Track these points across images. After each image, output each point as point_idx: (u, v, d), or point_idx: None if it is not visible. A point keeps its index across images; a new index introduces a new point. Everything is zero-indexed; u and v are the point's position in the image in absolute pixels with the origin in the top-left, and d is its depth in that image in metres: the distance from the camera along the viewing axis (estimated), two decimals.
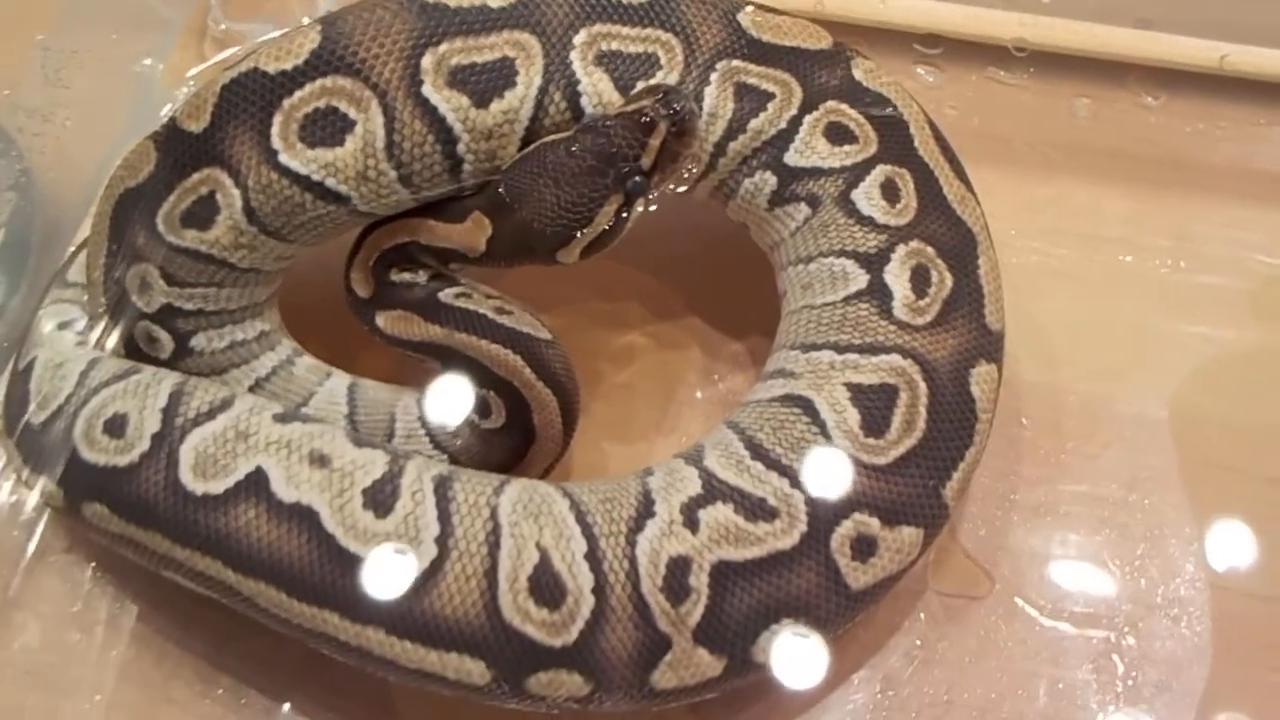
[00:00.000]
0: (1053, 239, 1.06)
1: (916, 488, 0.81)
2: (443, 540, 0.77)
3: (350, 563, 0.76)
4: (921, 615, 0.90)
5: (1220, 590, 0.90)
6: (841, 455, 0.80)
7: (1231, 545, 0.92)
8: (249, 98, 0.83)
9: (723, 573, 0.77)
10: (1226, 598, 0.90)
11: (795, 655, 0.79)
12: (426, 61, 0.83)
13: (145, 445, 0.80)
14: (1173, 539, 0.92)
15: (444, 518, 0.78)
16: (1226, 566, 0.91)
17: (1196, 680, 0.87)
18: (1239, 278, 1.04)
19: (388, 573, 0.76)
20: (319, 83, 0.83)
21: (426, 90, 0.83)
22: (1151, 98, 1.11)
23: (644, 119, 0.82)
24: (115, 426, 0.81)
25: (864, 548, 0.79)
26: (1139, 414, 0.97)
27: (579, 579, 0.76)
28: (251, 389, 0.89)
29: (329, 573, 0.76)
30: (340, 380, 0.91)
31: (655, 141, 0.82)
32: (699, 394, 0.99)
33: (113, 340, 0.88)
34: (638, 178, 0.83)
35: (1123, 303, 1.03)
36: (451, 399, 0.89)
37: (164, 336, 0.87)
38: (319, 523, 0.77)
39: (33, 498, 0.88)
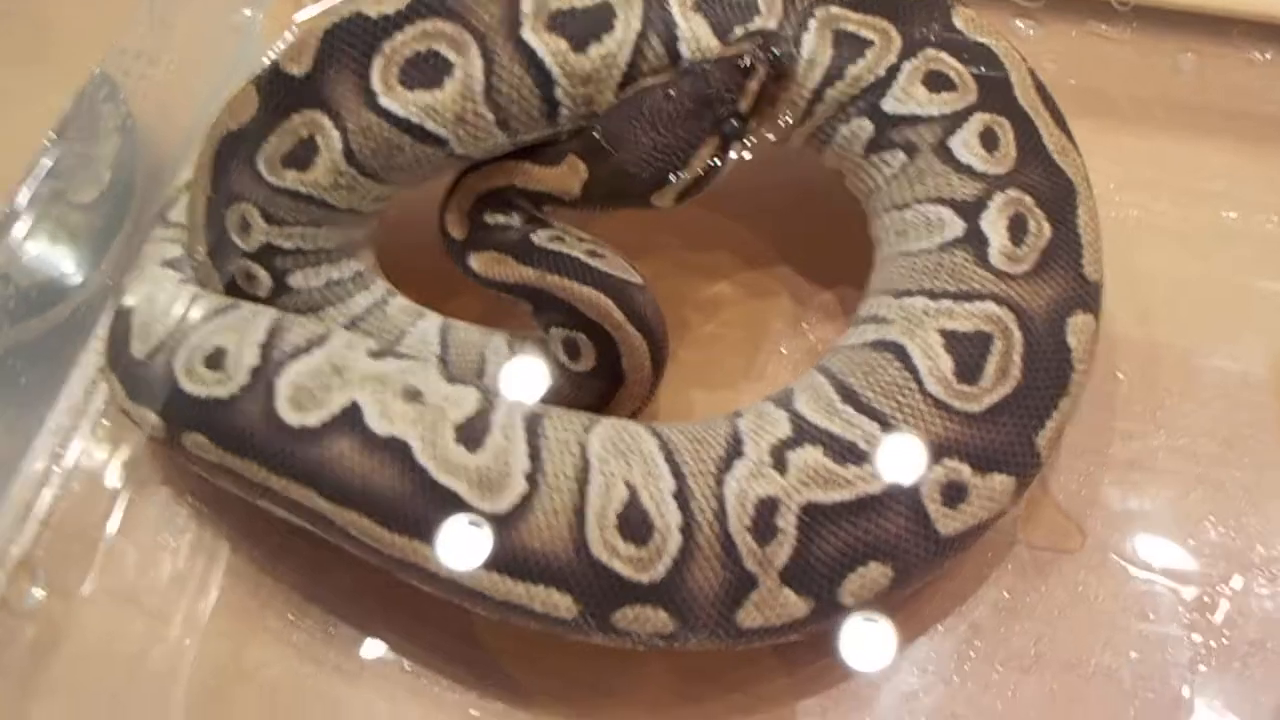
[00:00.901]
0: (1153, 194, 1.03)
1: (1009, 435, 0.80)
2: (533, 476, 0.78)
3: (442, 495, 0.77)
4: (1010, 567, 0.88)
5: None
6: (934, 401, 0.80)
7: None
8: (351, 41, 0.84)
9: (811, 514, 0.77)
10: None
11: (882, 600, 0.79)
12: (526, 5, 0.84)
13: (244, 378, 0.82)
14: (1271, 497, 0.90)
15: (534, 454, 0.78)
16: None
17: None
18: None
19: (478, 506, 0.77)
20: (420, 26, 0.84)
21: (525, 34, 0.84)
22: (1259, 53, 1.08)
23: (742, 63, 0.81)
24: (215, 360, 0.83)
25: (954, 493, 0.78)
26: (1239, 371, 0.95)
27: (667, 516, 0.77)
28: (346, 328, 0.90)
29: (421, 504, 0.77)
30: (432, 321, 0.92)
31: (753, 85, 0.82)
32: (787, 343, 0.99)
33: (214, 278, 0.89)
34: (734, 121, 0.83)
35: (1224, 259, 1.01)
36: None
37: (262, 274, 0.88)
38: (411, 456, 0.78)
39: (130, 430, 0.90)
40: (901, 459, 0.78)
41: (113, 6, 1.05)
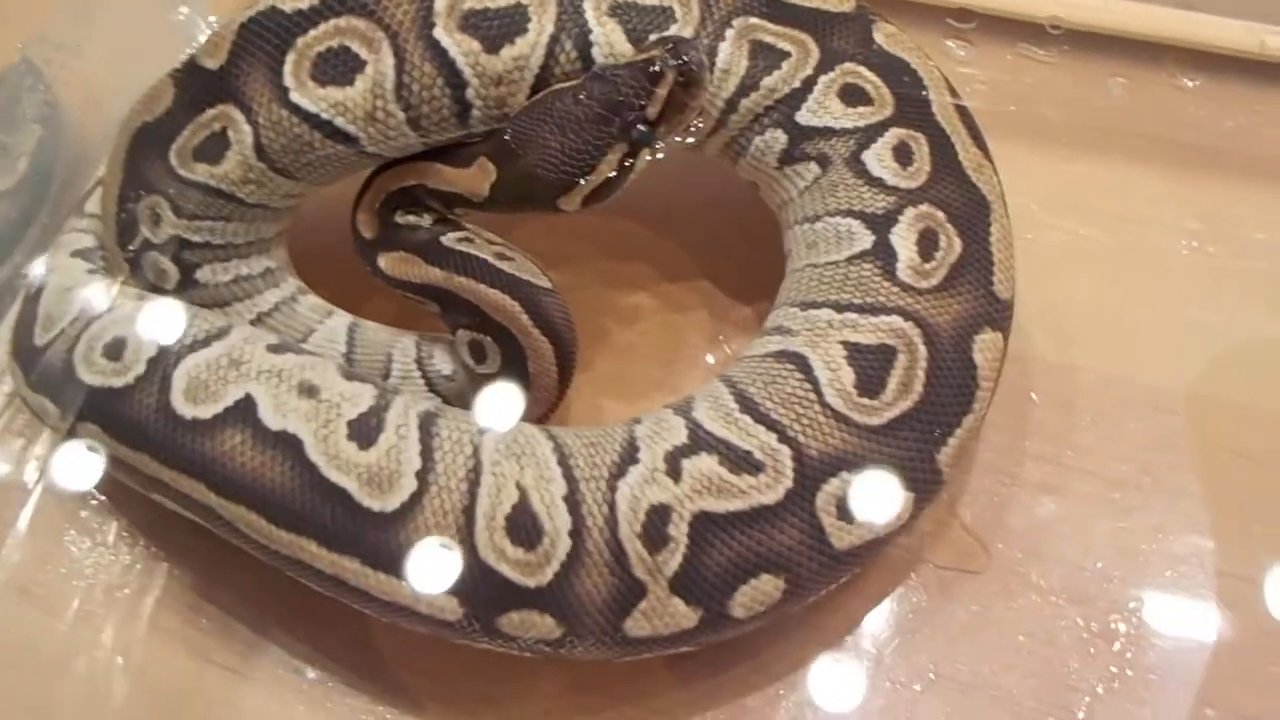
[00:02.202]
0: (1080, 217, 1.03)
1: (909, 451, 0.79)
2: (423, 475, 0.77)
3: (330, 492, 0.76)
4: (915, 587, 0.87)
5: (1227, 578, 0.86)
6: (833, 413, 0.79)
7: (1242, 534, 0.88)
8: (265, 35, 0.84)
9: (703, 523, 0.76)
10: (1233, 585, 0.86)
11: (774, 614, 0.78)
12: (439, 4, 0.84)
13: (141, 369, 0.81)
14: (1181, 524, 0.88)
15: (426, 453, 0.78)
16: (1235, 555, 0.88)
17: (1195, 669, 0.84)
18: (1267, 263, 1.00)
19: (366, 504, 0.76)
20: (333, 22, 0.84)
21: (438, 33, 0.83)
22: (1189, 80, 1.08)
23: (652, 68, 0.81)
24: (114, 350, 0.82)
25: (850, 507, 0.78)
26: (1155, 397, 0.94)
27: (556, 520, 0.76)
28: (253, 323, 0.89)
29: (309, 501, 0.76)
30: (341, 319, 0.92)
31: (662, 91, 0.81)
32: (703, 355, 0.98)
33: (123, 269, 0.89)
34: (643, 127, 0.82)
35: (1147, 284, 1.00)
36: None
37: (170, 268, 0.88)
38: (302, 451, 0.77)
39: (32, 420, 0.90)
40: (797, 471, 0.77)
41: None
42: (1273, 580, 0.86)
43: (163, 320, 0.83)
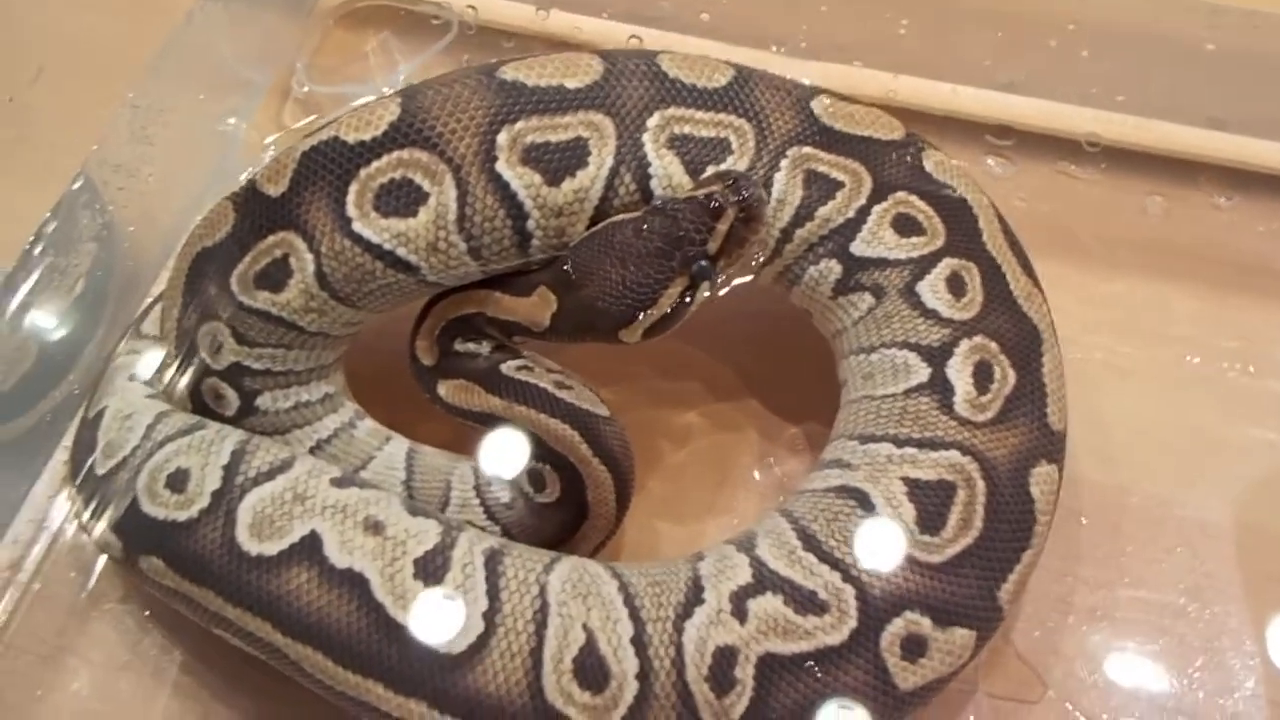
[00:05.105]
0: (1119, 336, 1.04)
1: (971, 588, 0.80)
2: (490, 616, 0.77)
3: (397, 633, 0.76)
4: (971, 718, 0.88)
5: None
6: (895, 551, 0.79)
7: None
8: (327, 165, 0.85)
9: (769, 665, 0.76)
10: None
11: None
12: (502, 138, 0.85)
13: (205, 501, 0.81)
14: (1231, 651, 0.90)
15: (493, 593, 0.78)
16: None
17: None
18: None
19: (434, 646, 0.76)
20: (396, 154, 0.84)
21: (500, 166, 0.85)
22: (1224, 198, 1.10)
23: (713, 204, 0.82)
24: (177, 481, 0.82)
25: (914, 647, 0.78)
26: (1202, 520, 0.95)
27: (624, 663, 0.76)
28: (313, 450, 0.90)
29: (376, 642, 0.77)
30: (399, 445, 0.92)
31: (723, 227, 0.83)
32: (754, 476, 0.99)
33: (181, 395, 0.89)
34: (704, 262, 0.83)
35: (1188, 404, 1.02)
36: (508, 466, 0.90)
37: (231, 394, 0.88)
38: (369, 590, 0.77)
39: (91, 546, 0.89)
40: (861, 610, 0.77)
41: (95, 111, 1.06)
42: None
43: (225, 450, 0.83)
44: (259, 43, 1.19)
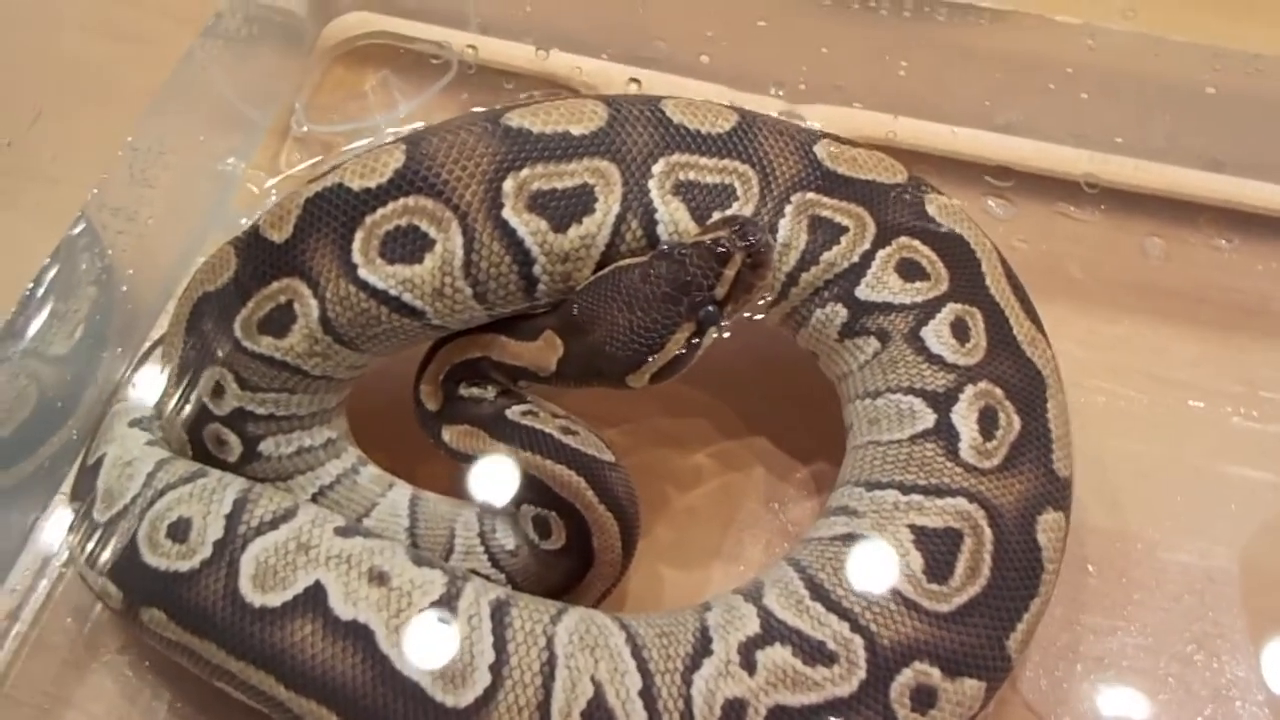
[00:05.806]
0: (1121, 379, 1.05)
1: (979, 638, 0.79)
2: (497, 668, 0.76)
3: (403, 686, 0.75)
4: None
5: None
6: (903, 600, 0.79)
7: None
8: (332, 212, 0.84)
9: (779, 717, 0.76)
10: None
11: None
12: (508, 185, 0.85)
13: (207, 552, 0.80)
14: (1240, 700, 0.89)
15: (499, 645, 0.77)
16: None
17: None
18: None
19: (439, 699, 0.75)
20: (401, 201, 0.84)
21: (506, 213, 0.84)
22: (1224, 240, 1.11)
23: (719, 249, 0.82)
24: (179, 531, 0.81)
25: (924, 698, 0.77)
26: (1207, 566, 0.95)
27: (632, 716, 0.75)
28: (315, 496, 0.89)
29: (381, 695, 0.76)
30: (402, 492, 0.92)
31: (730, 272, 0.82)
32: (761, 521, 0.98)
33: (182, 441, 0.88)
34: (711, 307, 0.83)
35: (1191, 448, 1.02)
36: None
37: (233, 439, 0.88)
38: (374, 642, 0.76)
39: (90, 595, 0.88)
40: (870, 661, 0.77)
41: (94, 155, 1.05)
42: None
43: (228, 499, 0.82)
44: (259, 80, 1.19)
